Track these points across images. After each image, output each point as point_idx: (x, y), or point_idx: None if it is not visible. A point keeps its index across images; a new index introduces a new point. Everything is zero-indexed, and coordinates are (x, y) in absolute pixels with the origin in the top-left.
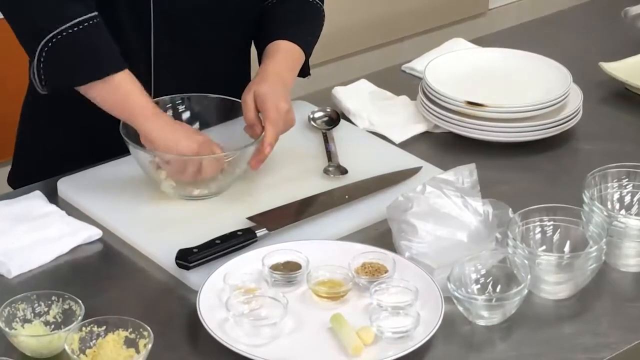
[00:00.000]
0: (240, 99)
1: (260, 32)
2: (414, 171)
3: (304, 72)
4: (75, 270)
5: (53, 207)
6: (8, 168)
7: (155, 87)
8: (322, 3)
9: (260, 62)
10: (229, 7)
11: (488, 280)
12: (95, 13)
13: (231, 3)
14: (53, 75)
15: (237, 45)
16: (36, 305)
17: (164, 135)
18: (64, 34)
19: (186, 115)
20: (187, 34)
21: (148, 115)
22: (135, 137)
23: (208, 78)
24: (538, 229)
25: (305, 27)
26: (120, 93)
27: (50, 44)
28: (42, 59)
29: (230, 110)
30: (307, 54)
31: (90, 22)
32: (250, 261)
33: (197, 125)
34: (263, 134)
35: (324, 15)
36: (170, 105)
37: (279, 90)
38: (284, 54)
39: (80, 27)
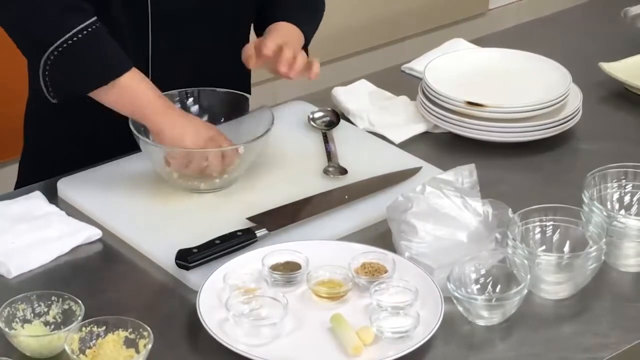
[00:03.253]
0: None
1: (260, 18)
2: (414, 171)
3: None
4: (75, 271)
5: (53, 208)
6: (8, 168)
7: None
8: None
9: None
10: (226, 7)
11: (488, 280)
12: (94, 18)
13: (228, 3)
14: (59, 85)
15: (235, 45)
16: (36, 305)
17: (170, 131)
18: (65, 45)
19: (194, 109)
20: (184, 33)
21: (158, 111)
22: (145, 130)
23: (206, 78)
24: (538, 229)
25: (305, 14)
26: (129, 94)
27: (52, 57)
28: (46, 72)
29: (239, 104)
30: (307, 38)
31: (90, 29)
32: (250, 261)
33: (205, 119)
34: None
35: (324, 2)
36: (178, 99)
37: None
38: (285, 31)
39: (80, 35)
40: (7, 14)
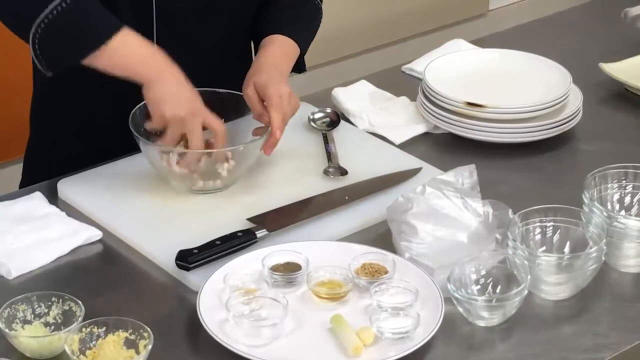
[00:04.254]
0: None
1: (257, 28)
2: (414, 172)
3: (300, 67)
4: (75, 271)
5: (53, 208)
6: (9, 168)
7: None
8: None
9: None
10: (231, 7)
11: (488, 281)
12: None
13: (233, 3)
14: (51, 57)
15: (239, 45)
16: (36, 306)
17: (153, 92)
18: (51, 16)
19: None
20: (189, 34)
21: (149, 71)
22: (145, 130)
23: (211, 78)
24: (538, 230)
25: (301, 22)
26: (119, 55)
27: (40, 30)
28: (36, 45)
29: (241, 104)
30: (303, 49)
31: None
32: (251, 262)
33: None
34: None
35: (321, 11)
36: None
37: (277, 77)
38: (278, 46)
39: (64, 5)
40: None
